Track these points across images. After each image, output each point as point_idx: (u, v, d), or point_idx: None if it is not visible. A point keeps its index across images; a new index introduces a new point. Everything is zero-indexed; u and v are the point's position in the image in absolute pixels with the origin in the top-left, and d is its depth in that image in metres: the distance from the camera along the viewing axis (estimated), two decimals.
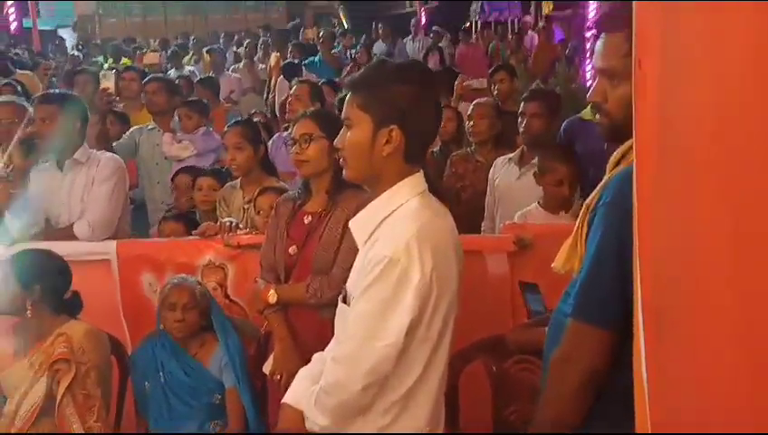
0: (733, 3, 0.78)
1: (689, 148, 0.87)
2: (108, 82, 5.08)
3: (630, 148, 1.48)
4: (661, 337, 0.98)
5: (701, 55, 0.84)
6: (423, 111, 1.71)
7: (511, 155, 3.67)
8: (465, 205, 3.93)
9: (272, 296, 2.56)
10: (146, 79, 5.09)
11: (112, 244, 3.28)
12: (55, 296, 2.56)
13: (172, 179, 4.03)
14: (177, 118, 4.67)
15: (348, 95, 1.73)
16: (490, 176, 3.74)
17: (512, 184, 3.59)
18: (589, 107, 3.54)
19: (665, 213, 0.96)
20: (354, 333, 1.65)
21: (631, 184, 1.24)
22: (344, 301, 1.74)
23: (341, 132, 1.75)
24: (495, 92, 5.08)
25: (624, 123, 1.51)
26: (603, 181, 1.55)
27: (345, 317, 1.71)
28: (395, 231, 1.62)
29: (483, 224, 3.81)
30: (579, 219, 1.57)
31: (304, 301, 2.51)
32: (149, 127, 4.63)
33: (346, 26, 14.29)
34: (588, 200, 1.57)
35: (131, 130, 4.71)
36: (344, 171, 1.79)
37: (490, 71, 5.37)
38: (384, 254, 1.58)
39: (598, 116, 1.60)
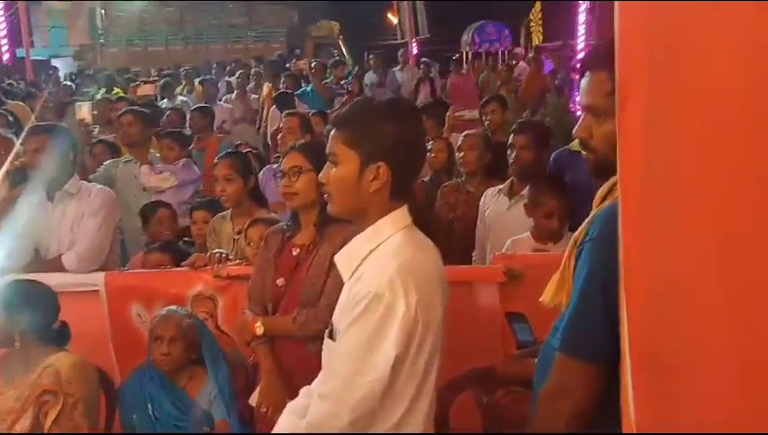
0: (713, 46, 0.80)
1: (672, 186, 0.89)
2: (83, 113, 5.14)
3: (616, 183, 1.49)
4: (648, 373, 0.98)
5: (683, 96, 0.86)
6: (409, 148, 1.72)
7: (501, 186, 3.69)
8: (458, 235, 3.95)
9: (259, 328, 2.55)
10: (120, 111, 5.09)
11: (101, 275, 3.27)
12: (43, 327, 2.54)
13: (143, 212, 4.01)
14: (152, 149, 4.67)
15: (333, 131, 1.75)
16: (480, 206, 3.75)
17: (502, 215, 3.60)
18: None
19: (649, 249, 0.97)
20: (340, 369, 1.64)
21: (617, 220, 1.26)
22: (330, 336, 1.73)
23: (326, 168, 1.76)
24: (487, 123, 5.13)
25: (610, 159, 1.53)
26: (590, 216, 1.56)
27: (331, 352, 1.71)
28: (379, 267, 1.62)
29: (473, 254, 3.82)
30: (566, 254, 1.58)
31: (291, 333, 2.51)
32: (125, 159, 4.64)
33: (347, 56, 14.42)
34: (575, 235, 1.58)
35: (105, 163, 4.68)
36: (328, 206, 1.80)
37: (482, 102, 5.41)
38: (368, 289, 1.58)
39: (584, 152, 1.62)
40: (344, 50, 17.74)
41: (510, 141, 3.64)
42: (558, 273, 1.61)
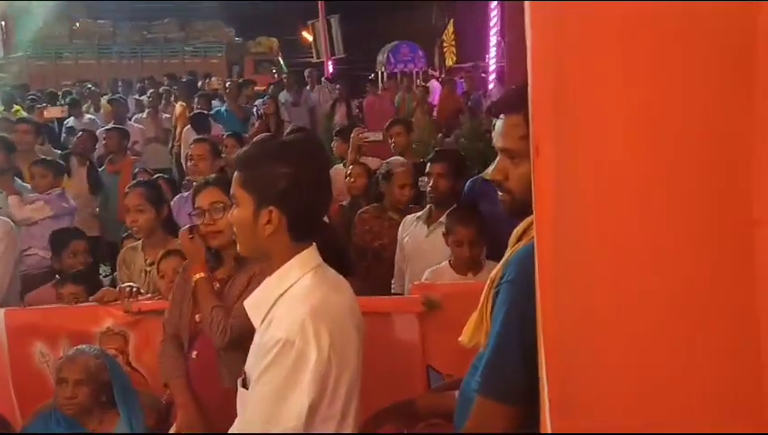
0: (622, 86, 0.83)
1: (587, 227, 0.91)
2: None
3: (531, 224, 1.52)
4: (565, 415, 1.00)
5: (594, 139, 0.88)
6: (304, 190, 1.66)
7: (419, 213, 3.71)
8: (385, 263, 3.94)
9: (194, 278, 2.46)
10: None
11: (1, 311, 3.08)
12: None
13: (52, 242, 3.83)
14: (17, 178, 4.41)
15: (236, 172, 1.74)
16: (399, 234, 3.77)
17: (420, 242, 3.62)
18: (493, 165, 3.64)
19: (565, 291, 0.99)
20: (253, 418, 1.60)
21: (532, 261, 1.28)
22: (244, 385, 1.68)
23: (232, 208, 1.76)
24: (392, 145, 5.16)
25: (526, 200, 1.56)
26: (505, 257, 1.58)
27: (245, 401, 1.66)
28: (289, 312, 1.59)
29: (393, 283, 3.82)
30: (483, 294, 1.60)
31: (204, 315, 2.41)
32: None
33: (285, 73, 14.24)
34: (492, 275, 1.60)
35: None
36: (238, 246, 1.79)
37: (386, 125, 5.43)
38: (279, 336, 1.54)
39: (499, 193, 1.65)
40: (283, 67, 17.52)
41: (427, 169, 3.66)
42: (476, 313, 1.62)
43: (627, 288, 0.85)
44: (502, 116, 1.61)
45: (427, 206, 3.69)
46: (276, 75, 16.46)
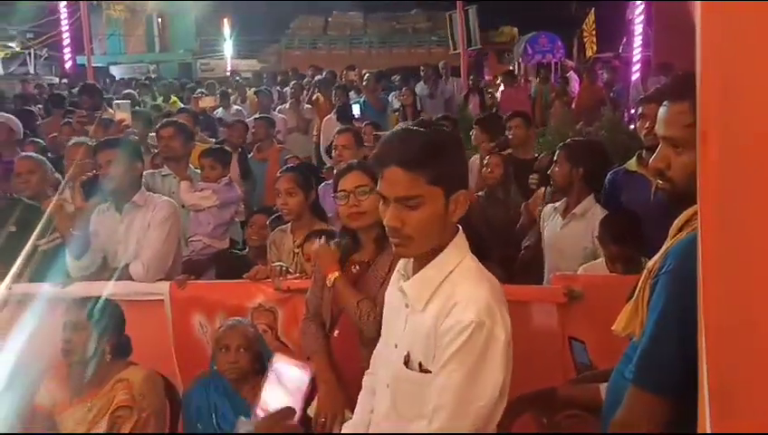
0: None
1: (753, 220, 0.89)
2: (123, 114, 5.10)
3: (694, 214, 1.49)
4: (725, 408, 0.98)
5: (763, 128, 0.86)
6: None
7: (557, 204, 3.69)
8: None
9: (330, 280, 2.55)
10: (160, 123, 4.87)
11: (166, 285, 3.36)
12: (114, 341, 2.62)
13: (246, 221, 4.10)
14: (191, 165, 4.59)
15: (403, 173, 1.64)
16: (540, 225, 3.77)
17: (557, 234, 3.63)
18: (635, 157, 3.54)
19: (729, 283, 0.97)
20: (447, 400, 1.61)
21: (694, 252, 1.25)
22: (406, 364, 1.72)
23: (394, 211, 1.67)
24: (510, 137, 5.12)
25: (687, 190, 1.53)
26: (665, 247, 1.56)
27: (413, 382, 1.70)
28: (472, 294, 1.62)
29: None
30: (640, 283, 1.58)
31: (349, 309, 2.49)
32: (163, 173, 4.49)
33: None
34: (649, 265, 1.57)
35: (144, 173, 4.53)
36: (400, 250, 1.73)
37: (505, 117, 5.39)
38: (469, 318, 1.58)
39: (659, 181, 1.62)
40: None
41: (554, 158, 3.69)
42: (631, 302, 1.61)
43: None
44: (665, 103, 1.58)
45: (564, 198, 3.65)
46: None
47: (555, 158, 3.65)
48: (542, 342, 2.93)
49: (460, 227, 1.78)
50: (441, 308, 1.65)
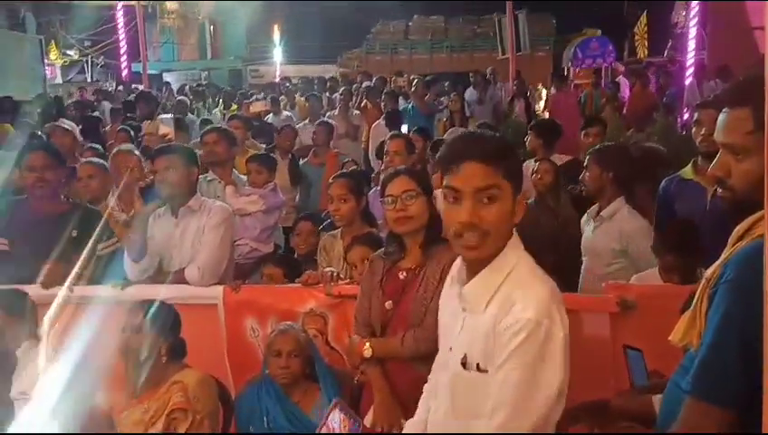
0: None
1: None
2: (166, 128, 5.23)
3: (756, 221, 1.47)
4: None
5: None
6: None
7: (590, 210, 3.78)
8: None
9: (367, 350, 2.61)
10: (204, 130, 5.00)
11: (220, 289, 3.42)
12: (172, 344, 2.69)
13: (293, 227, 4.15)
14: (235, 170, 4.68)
15: (480, 164, 1.66)
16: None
17: (589, 238, 3.71)
18: (690, 165, 3.48)
19: None
20: (507, 398, 1.62)
21: (757, 261, 1.23)
22: (464, 365, 1.74)
23: (472, 206, 1.66)
24: (588, 144, 5.07)
25: (748, 198, 1.51)
26: (724, 256, 1.53)
27: (472, 383, 1.71)
28: (530, 293, 1.64)
29: None
30: (698, 293, 1.56)
31: (399, 354, 2.55)
32: (208, 178, 4.53)
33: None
34: (708, 274, 1.55)
35: None
36: (472, 252, 1.70)
37: (583, 123, 5.37)
38: (527, 317, 1.59)
39: (720, 190, 1.59)
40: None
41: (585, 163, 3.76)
42: (688, 312, 1.59)
43: None
44: (725, 110, 1.56)
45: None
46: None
47: (586, 163, 3.72)
48: (594, 351, 2.89)
49: (513, 228, 1.79)
50: (500, 308, 1.66)
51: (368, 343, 2.62)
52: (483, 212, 1.66)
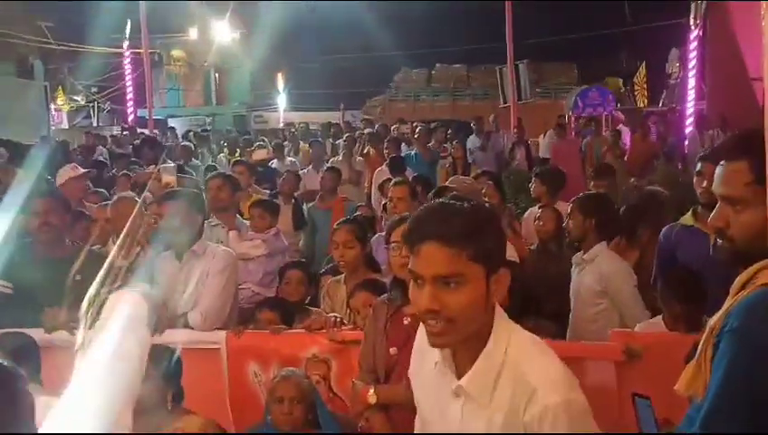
0: None
1: None
2: (169, 177, 5.30)
3: (758, 271, 1.48)
4: None
5: None
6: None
7: (576, 256, 3.81)
8: None
9: (372, 397, 2.60)
10: (209, 176, 5.07)
11: (222, 333, 3.42)
12: (176, 390, 2.68)
13: (281, 275, 4.09)
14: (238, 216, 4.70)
15: (444, 248, 1.47)
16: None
17: (575, 281, 3.75)
18: (690, 212, 3.51)
19: None
20: None
21: (761, 310, 1.24)
22: None
23: (433, 293, 1.48)
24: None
25: (748, 248, 1.53)
26: (727, 305, 1.54)
27: None
28: (544, 374, 1.53)
29: None
30: (702, 343, 1.56)
31: (404, 401, 2.51)
32: (212, 223, 4.51)
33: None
34: (712, 323, 1.56)
35: None
36: (438, 339, 1.53)
37: (591, 171, 5.43)
38: (555, 401, 1.49)
39: (720, 240, 1.61)
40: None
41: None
42: (693, 362, 1.58)
43: None
44: (722, 163, 1.59)
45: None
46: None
47: (569, 211, 3.80)
48: (599, 399, 2.86)
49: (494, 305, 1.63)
50: (513, 396, 1.53)
51: (372, 390, 2.61)
52: (446, 298, 1.49)
